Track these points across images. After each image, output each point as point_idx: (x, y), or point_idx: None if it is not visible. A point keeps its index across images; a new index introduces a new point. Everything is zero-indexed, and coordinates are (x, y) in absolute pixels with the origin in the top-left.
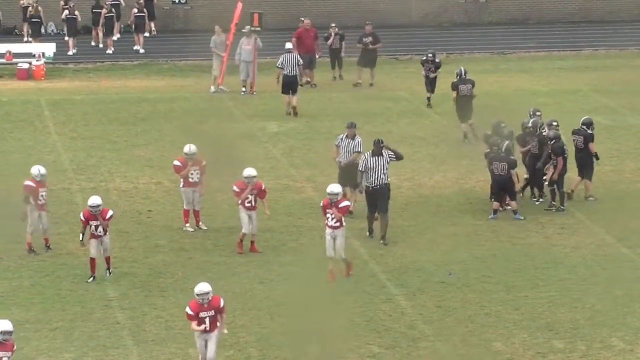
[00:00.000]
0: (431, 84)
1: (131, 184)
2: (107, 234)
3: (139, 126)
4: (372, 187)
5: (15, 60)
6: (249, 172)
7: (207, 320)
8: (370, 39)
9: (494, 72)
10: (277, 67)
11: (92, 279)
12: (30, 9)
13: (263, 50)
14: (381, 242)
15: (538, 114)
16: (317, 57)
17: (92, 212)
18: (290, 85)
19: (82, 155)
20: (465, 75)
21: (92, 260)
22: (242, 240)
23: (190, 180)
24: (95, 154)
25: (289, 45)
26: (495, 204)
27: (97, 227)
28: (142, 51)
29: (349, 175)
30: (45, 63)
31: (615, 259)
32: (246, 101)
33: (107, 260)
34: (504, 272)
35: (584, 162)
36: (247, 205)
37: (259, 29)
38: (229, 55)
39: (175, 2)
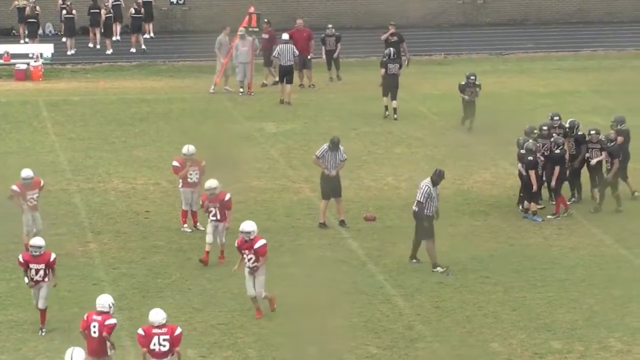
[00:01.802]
0: (470, 108)
1: (129, 185)
2: (47, 280)
3: (137, 127)
4: (432, 215)
5: (12, 61)
6: (209, 183)
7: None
8: (395, 38)
9: (493, 72)
10: (273, 56)
11: (41, 331)
12: (27, 9)
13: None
14: (440, 270)
15: (556, 117)
16: (309, 57)
17: (32, 253)
18: (285, 74)
19: (80, 155)
20: (394, 55)
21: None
22: (208, 251)
23: (189, 180)
24: (93, 154)
25: (285, 36)
26: (532, 205)
27: (37, 270)
28: (133, 50)
29: (333, 185)
30: (43, 64)
31: (613, 259)
32: (244, 102)
33: (42, 314)
34: (502, 273)
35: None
36: (212, 218)
37: (256, 29)
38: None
39: (173, 2)
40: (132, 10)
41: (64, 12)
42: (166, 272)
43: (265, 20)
